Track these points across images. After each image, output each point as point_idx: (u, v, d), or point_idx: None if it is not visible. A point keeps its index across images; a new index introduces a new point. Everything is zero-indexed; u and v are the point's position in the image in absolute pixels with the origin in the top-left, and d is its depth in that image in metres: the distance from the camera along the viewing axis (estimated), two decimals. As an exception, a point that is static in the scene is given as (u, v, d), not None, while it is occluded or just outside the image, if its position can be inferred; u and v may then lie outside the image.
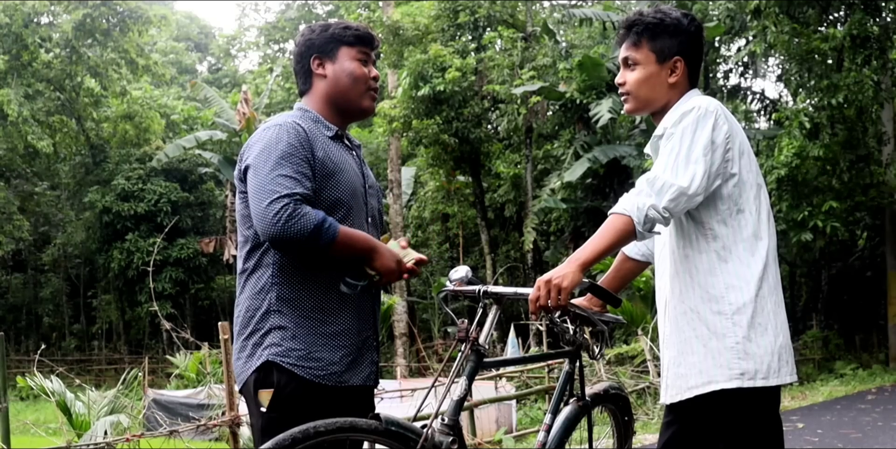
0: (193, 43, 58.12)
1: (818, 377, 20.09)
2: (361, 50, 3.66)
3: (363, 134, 34.89)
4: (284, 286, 3.36)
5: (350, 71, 3.62)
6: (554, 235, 28.97)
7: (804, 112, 19.84)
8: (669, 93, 3.59)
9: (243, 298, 3.45)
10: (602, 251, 3.23)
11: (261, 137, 3.40)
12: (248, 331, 3.39)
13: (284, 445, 2.79)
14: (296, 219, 3.15)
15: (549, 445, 3.66)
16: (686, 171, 3.26)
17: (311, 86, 3.66)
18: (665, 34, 3.55)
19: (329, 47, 3.63)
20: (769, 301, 3.37)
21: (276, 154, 3.30)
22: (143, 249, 36.07)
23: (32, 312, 42.28)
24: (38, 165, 39.81)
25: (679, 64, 3.56)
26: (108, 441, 7.69)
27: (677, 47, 3.56)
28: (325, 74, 3.62)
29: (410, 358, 25.76)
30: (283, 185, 3.23)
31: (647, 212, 3.21)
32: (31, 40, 34.51)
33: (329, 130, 3.57)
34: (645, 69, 3.57)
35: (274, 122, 3.47)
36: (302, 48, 3.67)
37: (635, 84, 3.59)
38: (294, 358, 3.29)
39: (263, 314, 3.36)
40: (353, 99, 3.65)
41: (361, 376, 3.45)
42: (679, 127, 3.35)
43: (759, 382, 3.31)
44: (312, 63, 3.63)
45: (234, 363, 3.47)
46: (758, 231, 3.41)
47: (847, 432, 11.07)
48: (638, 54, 3.58)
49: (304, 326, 3.34)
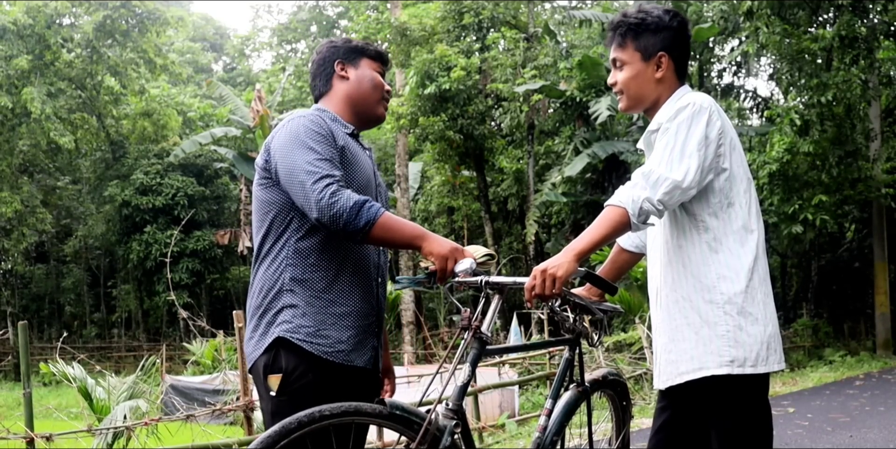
0: (209, 43, 58.07)
1: (808, 364, 20.08)
2: (380, 65, 3.78)
3: (372, 131, 34.87)
4: (298, 267, 3.38)
5: (371, 77, 3.71)
6: (555, 228, 28.96)
7: (795, 109, 19.83)
8: (658, 88, 3.58)
9: (257, 279, 3.47)
10: (597, 242, 3.22)
11: (287, 127, 3.43)
12: (261, 310, 3.41)
13: (290, 428, 2.77)
14: (338, 196, 3.18)
15: (550, 429, 3.64)
16: (680, 165, 3.25)
17: (332, 87, 3.71)
18: (647, 32, 3.54)
19: (353, 56, 3.73)
20: (759, 291, 3.38)
21: (308, 140, 3.34)
22: (161, 240, 36.12)
23: (55, 302, 42.38)
24: (60, 161, 39.90)
25: (664, 59, 3.55)
26: (128, 425, 7.67)
27: (660, 44, 3.55)
28: (348, 77, 3.69)
29: (417, 345, 25.76)
30: (321, 166, 3.26)
31: (642, 204, 3.20)
32: (54, 41, 34.52)
33: (346, 128, 3.61)
34: (632, 68, 3.57)
35: (297, 114, 3.51)
36: (326, 54, 3.74)
37: (625, 82, 3.60)
38: (303, 334, 3.31)
39: (276, 293, 3.38)
40: (371, 104, 3.71)
41: (364, 358, 3.44)
42: (674, 122, 3.34)
43: (748, 370, 3.32)
44: (336, 66, 3.70)
45: (245, 343, 3.48)
46: (748, 224, 3.41)
47: (836, 417, 11.06)
48: (624, 54, 3.58)
49: (315, 305, 3.35)
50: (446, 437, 3.02)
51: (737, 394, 3.36)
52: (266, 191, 3.46)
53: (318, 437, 2.88)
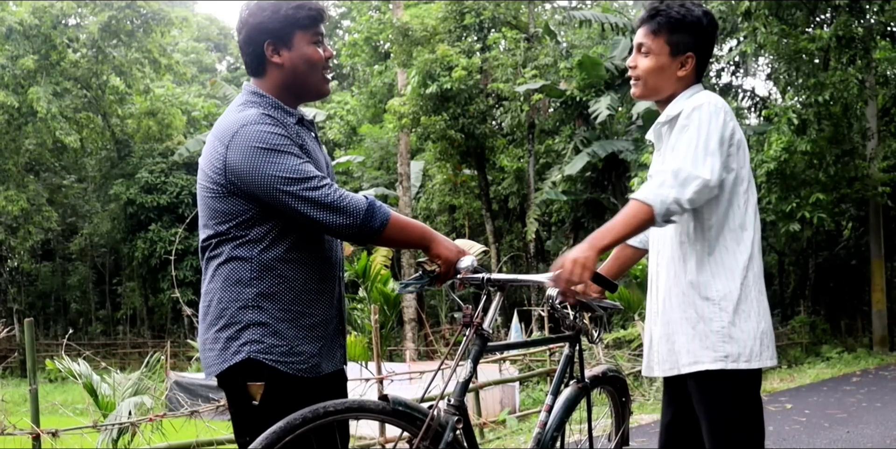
0: (213, 43, 58.12)
1: (805, 360, 20.06)
2: (316, 32, 3.30)
3: (374, 130, 34.86)
4: (264, 281, 3.13)
5: (307, 57, 3.28)
6: (555, 226, 28.96)
7: (792, 109, 19.80)
8: (676, 85, 3.60)
9: (214, 288, 3.20)
10: (621, 237, 3.24)
11: (242, 137, 3.09)
12: (221, 323, 3.15)
13: (295, 424, 2.76)
14: (348, 199, 3.03)
15: (551, 425, 3.65)
16: (706, 163, 3.26)
17: (265, 73, 3.31)
18: (683, 30, 3.54)
19: (284, 32, 3.24)
20: (753, 289, 3.43)
21: (276, 146, 3.06)
22: (166, 238, 36.13)
23: (60, 299, 42.37)
24: (65, 159, 39.90)
25: (690, 60, 3.57)
26: (133, 421, 7.68)
27: (692, 44, 3.56)
28: (282, 63, 3.27)
29: (419, 342, 25.75)
30: (309, 170, 3.06)
31: (670, 206, 3.20)
32: (60, 41, 34.54)
33: (292, 116, 3.29)
34: (658, 59, 3.57)
35: (239, 119, 3.16)
36: (253, 32, 3.26)
37: (646, 71, 3.59)
38: (277, 354, 3.11)
39: (240, 308, 3.13)
40: (311, 86, 3.35)
41: (333, 362, 3.31)
42: (693, 120, 3.35)
43: (741, 365, 3.37)
44: (266, 49, 3.26)
45: (203, 354, 3.22)
46: (744, 223, 3.44)
47: (833, 412, 11.06)
48: (654, 43, 3.56)
49: (285, 320, 3.14)
50: (448, 432, 3.02)
51: (730, 388, 3.40)
52: (219, 201, 3.20)
53: (319, 433, 2.87)
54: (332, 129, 38.31)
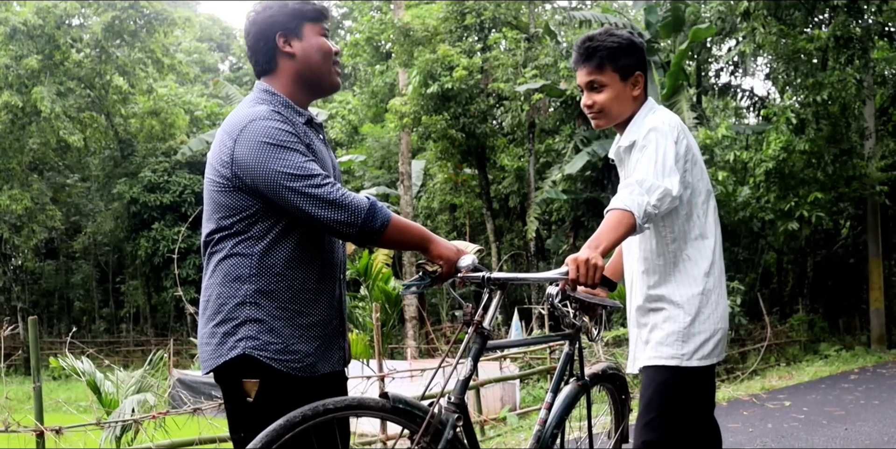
0: (216, 43, 58.07)
1: (804, 358, 20.05)
2: (323, 26, 3.37)
3: (375, 129, 34.87)
4: (263, 278, 3.13)
5: (319, 46, 3.33)
6: (555, 225, 28.94)
7: (791, 108, 19.82)
8: (634, 105, 3.81)
9: (214, 283, 3.20)
10: (615, 242, 3.36)
11: (250, 132, 3.10)
12: (218, 318, 3.15)
13: (295, 421, 2.76)
14: (350, 198, 3.04)
15: (551, 422, 3.67)
16: (669, 177, 3.47)
17: (277, 66, 3.32)
18: (623, 55, 3.75)
19: (293, 24, 3.29)
20: (714, 293, 3.71)
21: (282, 143, 3.07)
22: (169, 237, 36.09)
23: (64, 297, 42.37)
24: (69, 159, 39.87)
25: (640, 78, 3.79)
26: (136, 418, 7.69)
27: (635, 64, 3.78)
28: (294, 52, 3.30)
29: (420, 340, 25.75)
30: (313, 168, 3.06)
31: (646, 208, 3.37)
32: (63, 41, 34.54)
33: (301, 116, 3.31)
34: (612, 89, 3.77)
35: (248, 114, 3.17)
36: (264, 25, 3.31)
37: (607, 103, 3.79)
38: (271, 352, 3.10)
39: (238, 304, 3.13)
40: (324, 76, 3.37)
41: (331, 363, 3.30)
42: (650, 140, 3.57)
43: (693, 362, 3.65)
44: (278, 40, 3.29)
45: (200, 348, 3.23)
46: (704, 232, 3.72)
47: (831, 410, 11.06)
48: (603, 77, 3.76)
49: (282, 318, 3.14)
50: (448, 430, 3.03)
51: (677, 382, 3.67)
52: (225, 195, 3.17)
53: (320, 430, 2.88)
54: (333, 129, 38.34)
